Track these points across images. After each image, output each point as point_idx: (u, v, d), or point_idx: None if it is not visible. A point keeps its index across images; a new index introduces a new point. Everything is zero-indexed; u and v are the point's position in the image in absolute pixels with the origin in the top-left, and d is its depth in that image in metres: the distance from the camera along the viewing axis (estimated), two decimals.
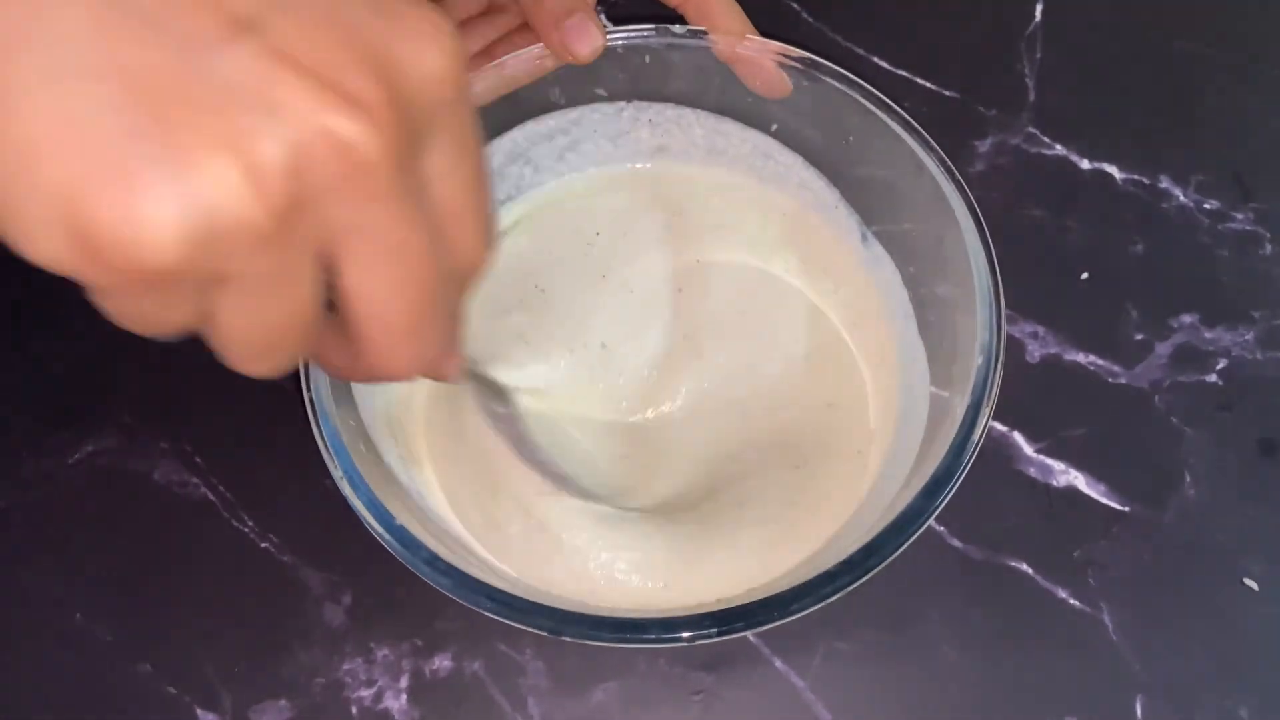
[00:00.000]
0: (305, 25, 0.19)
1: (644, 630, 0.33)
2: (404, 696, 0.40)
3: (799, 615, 0.33)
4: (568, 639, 0.33)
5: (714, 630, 0.33)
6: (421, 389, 0.42)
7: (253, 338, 0.21)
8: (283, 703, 0.40)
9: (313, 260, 0.21)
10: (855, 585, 0.33)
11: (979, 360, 0.36)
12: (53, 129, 0.18)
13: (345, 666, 0.41)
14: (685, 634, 0.33)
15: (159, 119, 0.18)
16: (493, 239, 0.25)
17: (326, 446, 0.35)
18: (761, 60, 0.41)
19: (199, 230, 0.18)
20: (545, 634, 0.33)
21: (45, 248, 0.19)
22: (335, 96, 0.19)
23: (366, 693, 0.41)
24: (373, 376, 0.24)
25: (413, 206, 0.21)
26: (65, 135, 0.18)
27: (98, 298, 0.21)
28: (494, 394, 0.41)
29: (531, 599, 0.33)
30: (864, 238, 0.44)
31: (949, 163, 0.38)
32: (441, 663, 0.41)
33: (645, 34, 0.41)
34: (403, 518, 0.35)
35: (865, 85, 0.40)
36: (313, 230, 0.20)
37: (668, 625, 0.33)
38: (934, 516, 0.34)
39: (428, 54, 0.21)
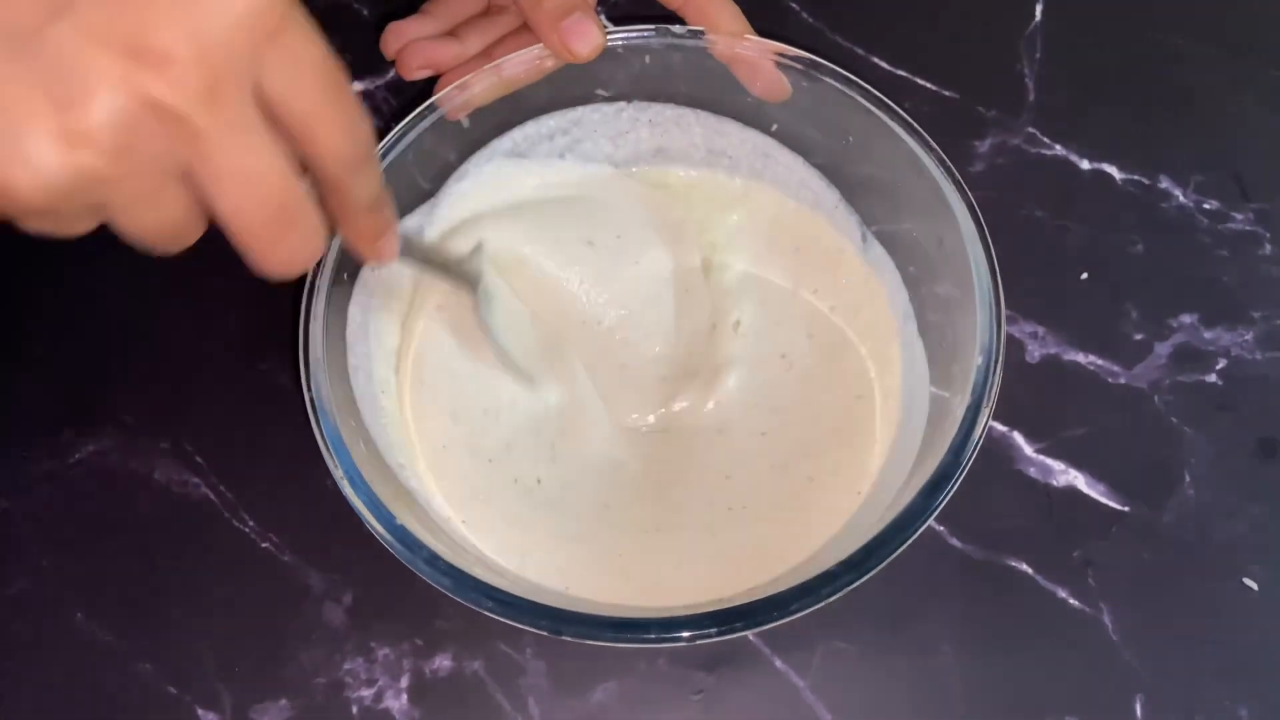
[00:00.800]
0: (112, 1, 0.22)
1: (644, 630, 0.33)
2: (404, 696, 0.41)
3: (799, 615, 0.33)
4: (568, 639, 0.33)
5: (714, 630, 0.33)
6: (406, 395, 0.42)
7: (143, 236, 0.26)
8: (283, 702, 0.40)
9: (172, 180, 0.24)
10: (855, 585, 0.33)
11: (979, 360, 0.36)
12: None
13: (346, 666, 0.41)
14: (685, 634, 0.33)
15: (3, 98, 0.22)
16: (356, 132, 0.27)
17: (327, 446, 0.35)
18: (761, 62, 0.41)
19: (50, 182, 0.23)
20: (545, 634, 0.33)
21: None
22: (143, 61, 0.22)
23: (367, 692, 0.41)
24: (265, 273, 0.27)
25: (245, 134, 0.24)
26: None
27: (17, 225, 0.25)
28: (457, 276, 0.40)
29: (531, 599, 0.33)
30: (864, 238, 0.44)
31: (949, 163, 0.39)
32: (442, 662, 0.41)
33: (645, 34, 0.41)
34: (403, 518, 0.35)
35: (865, 85, 0.40)
36: (156, 164, 0.24)
37: (668, 625, 0.33)
38: (934, 516, 0.34)
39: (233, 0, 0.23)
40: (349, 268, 0.40)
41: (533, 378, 0.42)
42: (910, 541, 0.34)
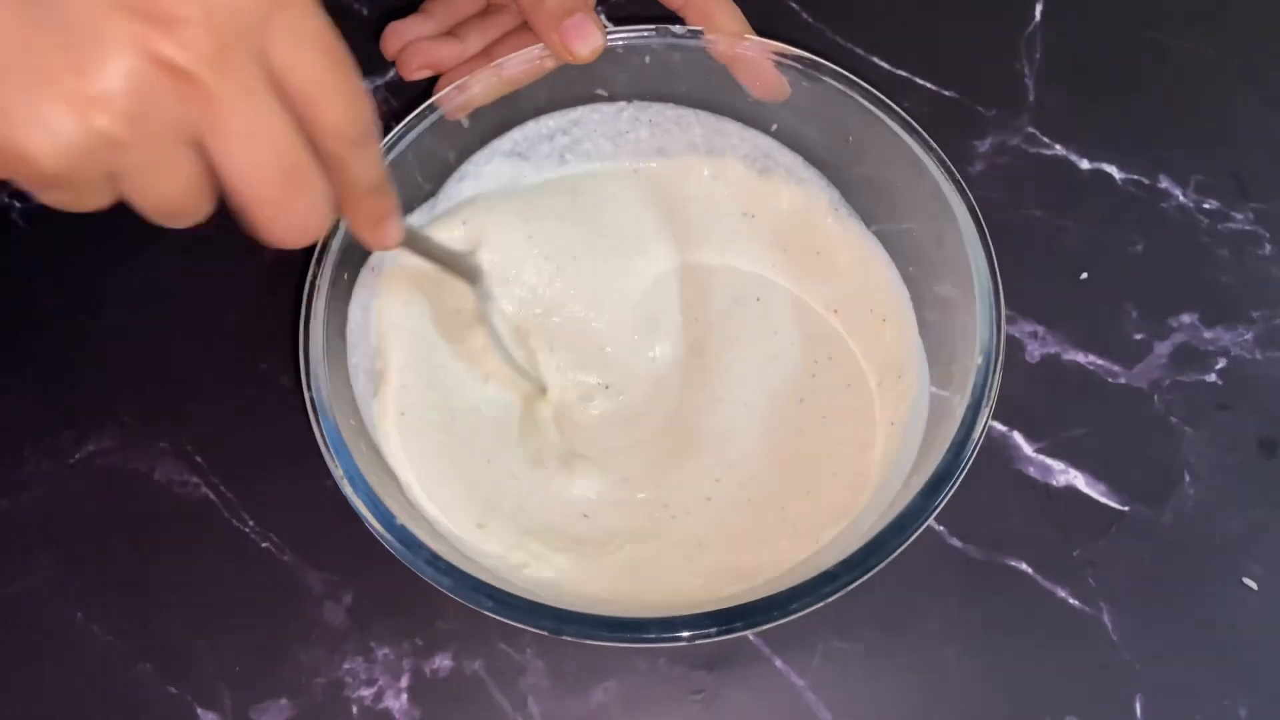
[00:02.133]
0: None
1: (644, 630, 0.33)
2: (404, 696, 0.41)
3: (799, 615, 0.33)
4: (568, 638, 0.33)
5: (714, 630, 0.33)
6: (433, 403, 0.42)
7: (157, 207, 0.26)
8: (283, 702, 0.40)
9: (184, 148, 0.25)
10: (855, 585, 0.33)
11: (979, 360, 0.36)
12: None
13: (346, 666, 0.41)
14: (685, 633, 0.33)
15: (20, 64, 0.23)
16: (358, 109, 0.27)
17: (327, 446, 0.35)
18: (760, 62, 0.41)
19: (68, 147, 0.23)
20: (545, 633, 0.33)
21: None
22: (154, 23, 0.23)
23: (367, 692, 0.41)
24: (273, 241, 0.27)
25: (254, 97, 0.25)
26: None
27: (32, 194, 0.25)
28: (457, 269, 0.40)
29: (531, 598, 0.33)
30: (864, 238, 0.44)
31: (949, 163, 0.39)
32: (442, 662, 0.41)
33: (645, 34, 0.41)
34: (403, 517, 0.35)
35: (865, 85, 0.40)
36: (169, 129, 0.24)
37: (668, 625, 0.33)
38: (934, 516, 0.34)
39: None
40: (349, 267, 0.40)
41: (528, 373, 0.42)
42: (910, 541, 0.34)
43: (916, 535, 0.34)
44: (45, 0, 0.23)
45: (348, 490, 0.35)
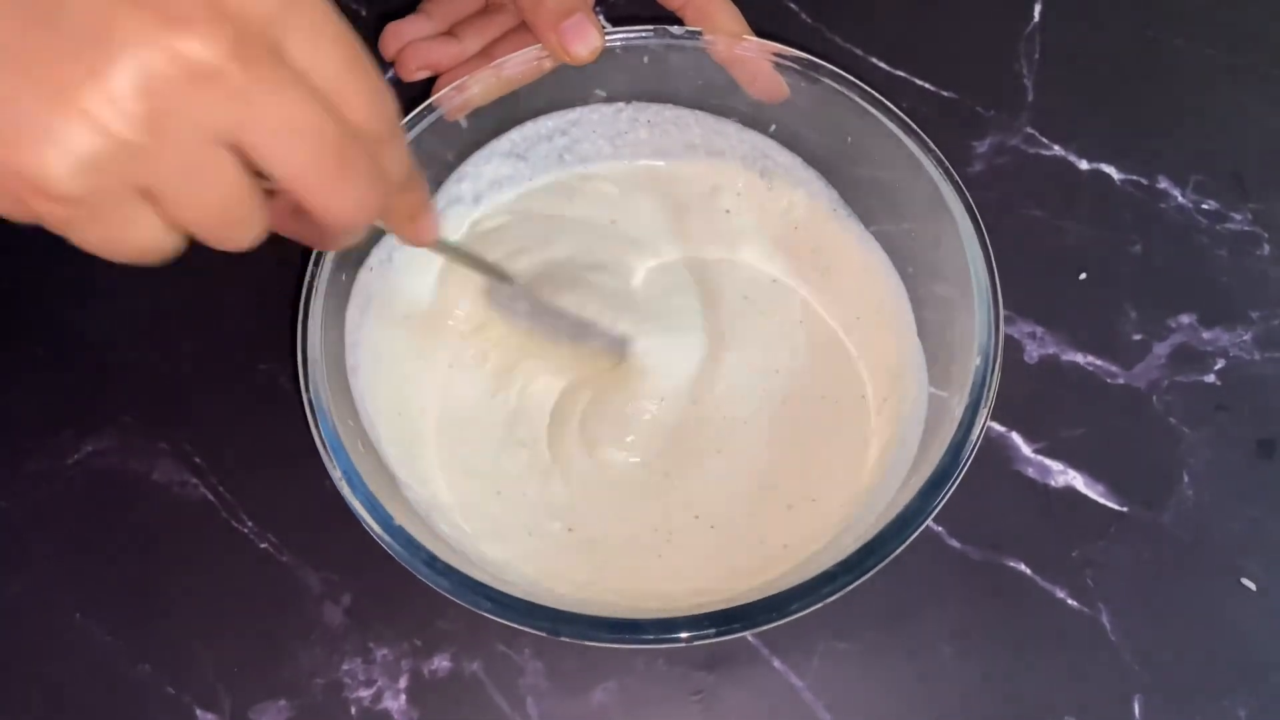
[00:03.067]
0: None
1: (642, 630, 0.33)
2: (403, 697, 0.41)
3: (798, 615, 0.33)
4: (566, 639, 0.33)
5: (713, 630, 0.33)
6: (433, 402, 0.42)
7: (205, 222, 0.24)
8: (282, 703, 0.40)
9: (217, 149, 0.23)
10: (854, 585, 0.33)
11: (977, 360, 0.36)
12: None
13: (344, 667, 0.41)
14: (684, 634, 0.33)
15: (28, 79, 0.21)
16: (382, 105, 0.26)
17: (325, 447, 0.35)
18: (759, 63, 0.41)
19: (83, 161, 0.21)
20: (544, 634, 0.33)
21: None
22: (166, 20, 0.21)
23: (366, 693, 0.41)
24: (334, 233, 0.27)
25: (283, 88, 0.23)
26: None
27: (68, 236, 0.24)
28: (491, 273, 0.40)
29: (529, 599, 0.33)
30: (863, 238, 0.44)
31: (947, 163, 0.39)
32: (440, 663, 0.41)
33: (644, 35, 0.41)
34: (401, 518, 0.35)
35: (863, 86, 0.40)
36: (196, 130, 0.22)
37: (666, 625, 0.33)
38: (932, 516, 0.34)
39: None
40: (348, 268, 0.40)
41: (571, 366, 0.42)
42: (909, 542, 0.34)
43: (915, 536, 0.34)
44: (48, 2, 0.21)
45: (346, 491, 0.35)
